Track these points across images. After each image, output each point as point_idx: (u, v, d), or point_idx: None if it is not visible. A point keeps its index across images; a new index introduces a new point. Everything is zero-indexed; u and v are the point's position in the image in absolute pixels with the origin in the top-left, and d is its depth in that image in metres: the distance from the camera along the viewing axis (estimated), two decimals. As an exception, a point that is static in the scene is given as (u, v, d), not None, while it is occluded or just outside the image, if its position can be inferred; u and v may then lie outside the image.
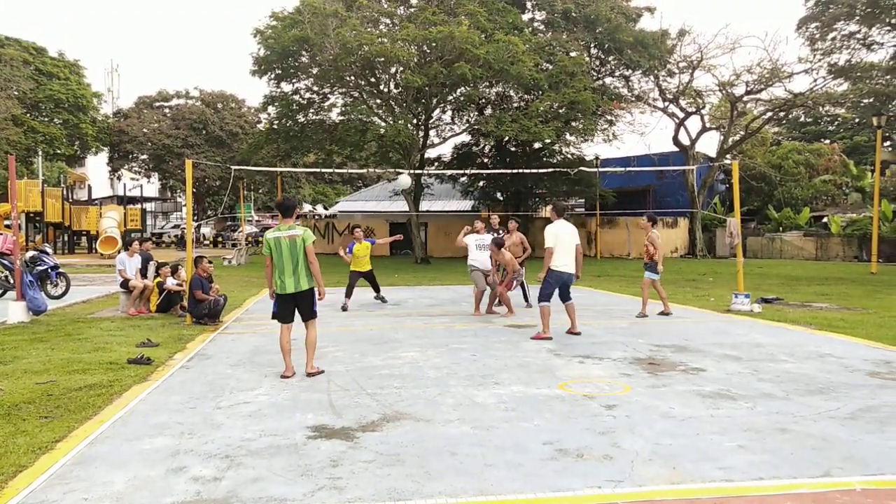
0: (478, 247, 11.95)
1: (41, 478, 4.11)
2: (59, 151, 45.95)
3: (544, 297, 9.34)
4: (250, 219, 52.25)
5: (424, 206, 34.51)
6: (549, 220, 10.50)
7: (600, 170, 32.60)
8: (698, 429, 5.05)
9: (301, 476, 4.13)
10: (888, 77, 26.74)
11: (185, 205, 51.66)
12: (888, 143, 44.29)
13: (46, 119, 44.79)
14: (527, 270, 13.12)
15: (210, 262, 11.38)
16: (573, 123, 29.87)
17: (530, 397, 6.01)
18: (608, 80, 34.21)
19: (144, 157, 53.97)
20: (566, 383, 6.55)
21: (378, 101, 29.38)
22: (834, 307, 12.87)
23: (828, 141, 48.10)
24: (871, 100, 30.07)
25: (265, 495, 3.84)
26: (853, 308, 12.70)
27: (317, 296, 6.97)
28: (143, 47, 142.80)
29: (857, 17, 24.53)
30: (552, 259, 9.20)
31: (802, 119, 50.44)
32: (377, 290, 13.91)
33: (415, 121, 29.57)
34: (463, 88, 28.07)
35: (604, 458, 4.43)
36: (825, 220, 36.56)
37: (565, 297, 9.55)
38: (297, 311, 7.01)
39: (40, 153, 42.66)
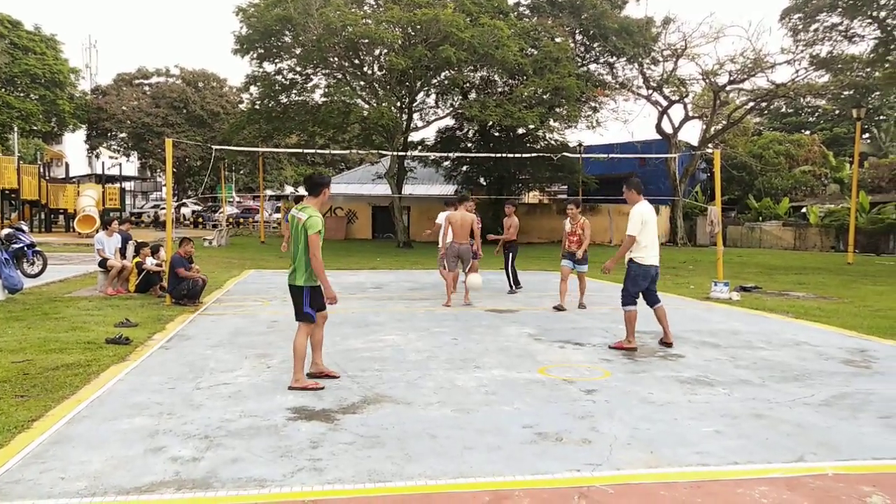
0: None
1: (17, 457, 4.07)
2: (35, 128, 45.14)
3: (630, 299, 7.59)
4: (231, 200, 51.81)
5: (407, 189, 34.40)
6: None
7: (583, 156, 32.68)
8: (676, 414, 5.11)
9: (281, 457, 4.12)
10: (868, 69, 26.99)
11: (164, 184, 51.09)
12: (867, 135, 44.84)
13: (22, 94, 43.91)
14: (516, 254, 13.04)
15: (189, 241, 11.31)
16: (557, 109, 29.89)
17: (510, 381, 6.04)
18: (593, 66, 34.25)
19: (123, 135, 53.20)
20: (546, 368, 6.59)
21: (362, 82, 29.16)
22: (811, 296, 13.05)
23: (808, 132, 48.60)
24: (851, 92, 30.38)
25: (244, 476, 3.83)
26: (829, 297, 12.89)
27: (305, 298, 5.76)
28: (123, 23, 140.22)
29: (840, 9, 24.70)
30: (639, 249, 7.50)
31: (784, 110, 50.88)
32: None
33: (398, 104, 29.41)
34: (447, 72, 27.94)
35: (583, 441, 4.47)
36: (804, 210, 37.02)
37: (652, 298, 7.78)
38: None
39: (15, 129, 41.87)
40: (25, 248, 13.55)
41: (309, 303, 5.77)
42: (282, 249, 14.94)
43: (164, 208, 39.88)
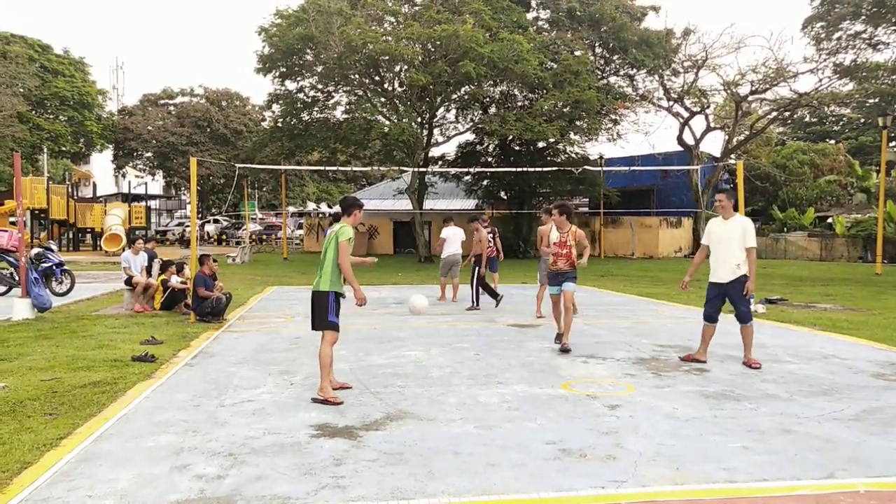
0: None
1: (46, 474, 4.13)
2: (64, 148, 46.10)
3: (704, 314, 7.59)
4: (254, 217, 52.31)
5: (428, 204, 34.49)
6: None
7: (604, 169, 32.54)
8: (702, 429, 5.04)
9: (304, 475, 4.13)
10: (894, 77, 26.63)
11: (189, 202, 51.80)
12: (894, 143, 44.14)
13: (51, 116, 44.91)
14: (482, 268, 12.92)
15: (215, 261, 11.42)
16: (577, 122, 29.84)
17: (533, 397, 6.01)
18: (613, 79, 34.15)
19: (149, 154, 54.11)
20: (569, 383, 6.54)
21: (382, 99, 29.38)
22: (838, 308, 12.84)
23: (833, 141, 47.97)
24: (876, 100, 29.94)
25: (269, 493, 3.85)
26: (858, 309, 12.66)
27: (330, 304, 5.95)
28: (148, 45, 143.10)
29: (863, 17, 24.44)
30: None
31: (807, 119, 50.33)
32: None
33: (419, 119, 29.56)
34: (467, 87, 28.05)
35: (607, 458, 4.43)
36: (830, 220, 36.46)
37: (736, 316, 7.44)
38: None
39: (45, 150, 42.78)
40: (54, 267, 13.81)
41: (335, 311, 6.02)
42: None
43: (188, 226, 40.38)
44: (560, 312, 8.56)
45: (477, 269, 12.75)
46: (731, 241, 7.22)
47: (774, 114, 35.93)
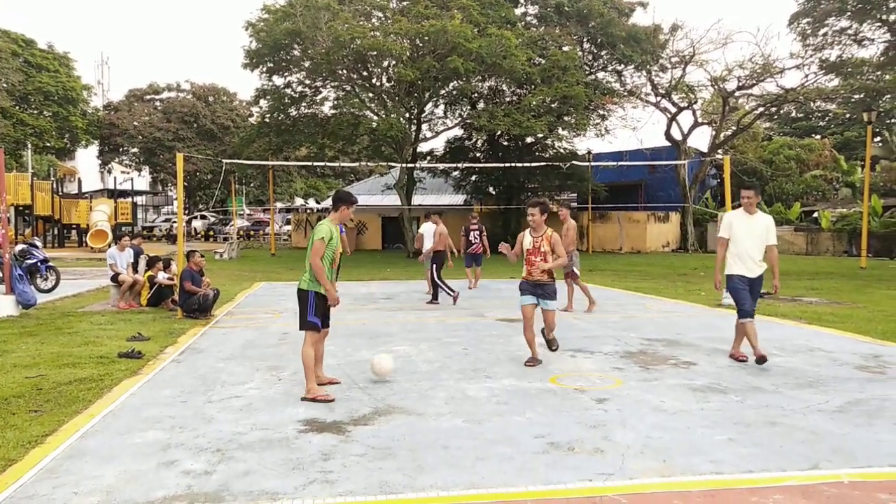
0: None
1: (31, 472, 4.10)
2: (48, 144, 45.62)
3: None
4: (242, 213, 52.07)
5: (417, 200, 34.46)
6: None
7: (593, 164, 32.61)
8: (689, 422, 5.08)
9: (292, 470, 4.12)
10: (878, 73, 26.84)
11: (176, 198, 51.44)
12: (878, 138, 44.52)
13: (36, 112, 44.41)
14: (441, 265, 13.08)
15: (202, 256, 11.35)
16: (565, 118, 29.90)
17: (522, 391, 6.02)
18: (601, 74, 34.23)
19: (135, 150, 53.67)
20: (558, 377, 6.56)
21: (370, 94, 29.30)
22: (824, 301, 12.95)
23: (819, 136, 48.31)
24: (861, 95, 30.19)
25: (256, 489, 3.84)
26: (842, 302, 12.78)
27: (310, 304, 5.85)
28: (134, 40, 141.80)
29: (849, 13, 24.59)
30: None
31: (794, 114, 50.56)
32: None
33: (407, 115, 29.52)
34: (455, 82, 28.04)
35: (595, 451, 4.45)
36: (815, 214, 36.74)
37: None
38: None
39: (30, 146, 42.35)
40: (39, 264, 13.69)
41: (314, 311, 5.86)
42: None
43: (175, 222, 40.12)
44: (533, 334, 7.12)
45: (434, 264, 12.82)
46: (757, 237, 7.13)
47: (761, 109, 36.14)
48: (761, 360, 6.87)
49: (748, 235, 7.15)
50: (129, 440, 4.69)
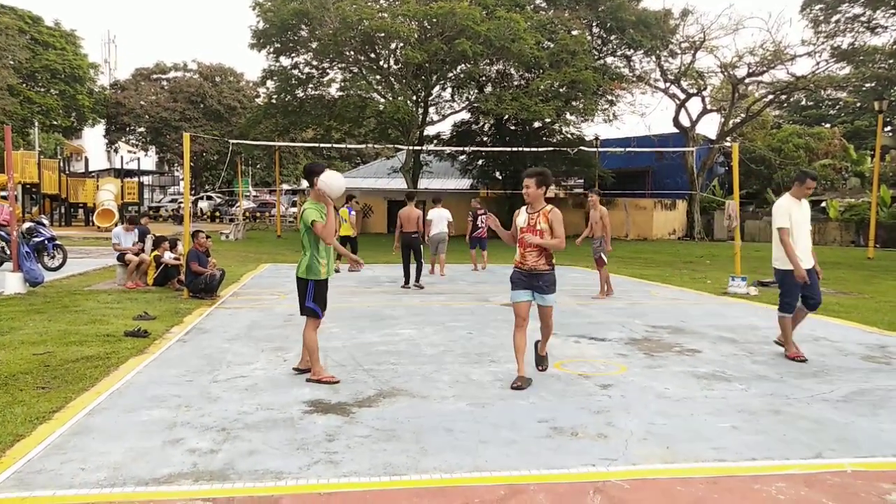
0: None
1: (39, 447, 4.13)
2: (55, 122, 45.64)
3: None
4: (248, 194, 52.09)
5: (423, 184, 34.43)
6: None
7: (600, 150, 32.48)
8: (692, 409, 5.08)
9: (297, 450, 4.15)
10: (891, 61, 26.59)
11: (182, 179, 51.53)
12: (889, 127, 44.19)
13: (42, 90, 44.41)
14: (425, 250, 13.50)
15: (207, 237, 11.37)
16: (573, 103, 29.74)
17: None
18: (609, 59, 34.00)
19: (142, 129, 53.70)
20: (562, 362, 6.57)
21: (378, 76, 29.19)
22: (830, 291, 12.90)
23: (828, 125, 47.94)
24: (873, 84, 29.94)
25: (261, 468, 3.86)
26: (849, 292, 12.74)
27: (309, 291, 5.76)
28: (141, 18, 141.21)
29: (862, 0, 24.33)
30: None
31: (804, 102, 50.26)
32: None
33: (414, 97, 29.40)
34: (463, 65, 27.90)
35: (598, 436, 4.46)
36: (823, 204, 36.54)
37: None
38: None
39: (36, 124, 42.36)
40: (46, 242, 13.74)
41: (313, 297, 5.79)
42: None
43: (182, 202, 40.17)
44: (525, 340, 5.89)
45: (412, 250, 12.85)
46: (807, 225, 6.92)
47: (771, 97, 35.89)
48: (797, 357, 6.74)
49: (802, 225, 6.84)
50: (136, 418, 4.73)
